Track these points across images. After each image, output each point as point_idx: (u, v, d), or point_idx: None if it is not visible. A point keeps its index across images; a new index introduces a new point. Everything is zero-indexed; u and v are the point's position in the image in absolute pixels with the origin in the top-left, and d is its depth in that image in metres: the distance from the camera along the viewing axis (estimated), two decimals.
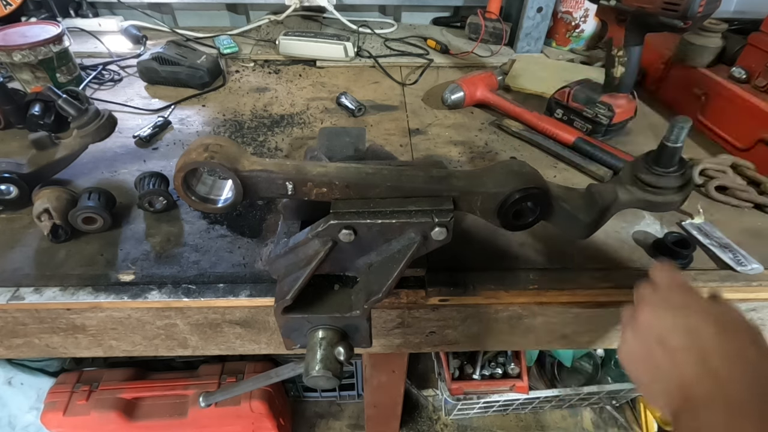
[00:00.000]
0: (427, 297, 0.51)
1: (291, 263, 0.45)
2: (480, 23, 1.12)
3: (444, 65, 1.07)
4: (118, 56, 1.03)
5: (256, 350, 0.58)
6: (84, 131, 0.61)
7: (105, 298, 0.50)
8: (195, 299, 0.50)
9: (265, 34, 1.17)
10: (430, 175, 0.43)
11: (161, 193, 0.59)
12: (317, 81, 0.99)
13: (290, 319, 0.45)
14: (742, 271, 0.53)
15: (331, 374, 0.43)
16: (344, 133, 0.63)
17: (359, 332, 0.47)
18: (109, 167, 0.69)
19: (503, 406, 1.36)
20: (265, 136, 0.79)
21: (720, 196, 0.65)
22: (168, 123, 0.81)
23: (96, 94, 0.91)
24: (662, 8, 0.60)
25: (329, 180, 0.42)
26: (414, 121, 0.85)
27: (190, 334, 0.54)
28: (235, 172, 0.40)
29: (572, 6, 1.06)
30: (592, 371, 1.45)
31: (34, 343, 0.55)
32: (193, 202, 0.44)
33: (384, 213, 0.41)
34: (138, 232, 0.58)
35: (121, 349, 0.57)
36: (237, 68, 1.03)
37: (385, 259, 0.43)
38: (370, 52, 1.07)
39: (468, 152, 0.76)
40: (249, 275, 0.53)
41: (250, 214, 0.61)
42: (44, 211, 0.54)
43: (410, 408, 1.51)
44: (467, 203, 0.42)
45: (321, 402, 1.51)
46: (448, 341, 0.57)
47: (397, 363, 0.93)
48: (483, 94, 0.87)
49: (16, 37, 0.80)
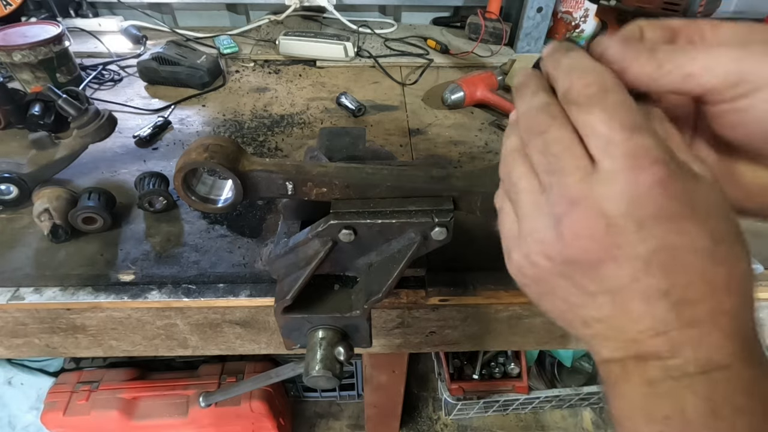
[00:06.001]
0: (427, 297, 0.51)
1: (291, 263, 0.45)
2: (480, 23, 1.12)
3: (444, 65, 1.07)
4: (118, 56, 1.03)
5: (256, 350, 0.58)
6: (84, 131, 0.61)
7: (105, 298, 0.50)
8: (195, 299, 0.50)
9: (265, 34, 1.17)
10: (430, 175, 0.43)
11: (161, 193, 0.59)
12: (317, 81, 0.99)
13: (290, 319, 0.45)
14: None
15: (331, 374, 0.43)
16: (344, 133, 0.63)
17: (359, 332, 0.47)
18: (109, 167, 0.69)
19: (503, 406, 1.36)
20: (265, 136, 0.79)
21: None
22: (168, 123, 0.81)
23: (96, 94, 0.91)
24: (662, 8, 0.60)
25: (329, 180, 0.42)
26: (414, 121, 0.85)
27: (190, 334, 0.54)
28: (235, 172, 0.40)
29: (572, 6, 1.06)
30: (592, 371, 1.45)
31: (34, 343, 0.55)
32: (193, 202, 0.44)
33: (384, 213, 0.41)
34: (138, 232, 0.58)
35: (121, 349, 0.57)
36: (237, 68, 1.03)
37: (385, 259, 0.43)
38: (370, 52, 1.07)
39: (468, 152, 0.76)
40: (249, 275, 0.53)
41: (250, 214, 0.61)
42: (44, 211, 0.54)
43: (410, 408, 1.51)
44: (467, 203, 0.42)
45: (321, 402, 1.51)
46: (448, 341, 0.57)
47: (397, 363, 0.93)
48: (483, 94, 0.87)
49: (16, 37, 0.80)
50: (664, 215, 0.21)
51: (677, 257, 0.21)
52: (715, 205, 0.22)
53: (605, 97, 0.22)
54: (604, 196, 0.21)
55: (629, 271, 0.22)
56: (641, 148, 0.21)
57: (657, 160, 0.21)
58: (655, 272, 0.21)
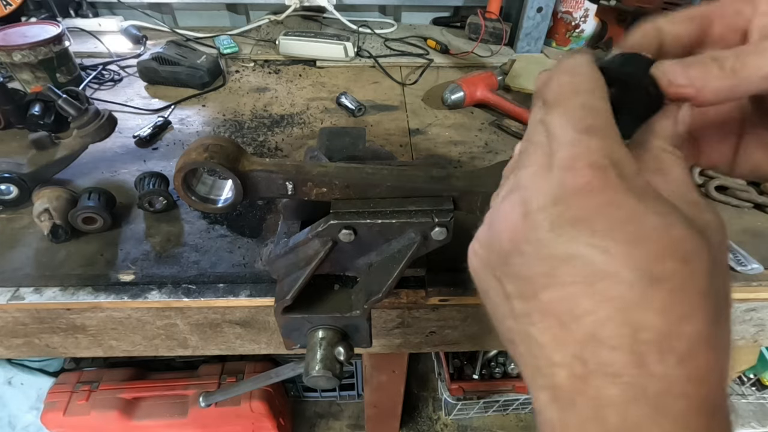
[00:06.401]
0: (427, 297, 0.51)
1: (291, 263, 0.45)
2: (480, 23, 1.12)
3: (444, 65, 1.07)
4: (118, 56, 1.03)
5: (256, 350, 0.58)
6: (84, 131, 0.61)
7: (105, 298, 0.50)
8: (195, 299, 0.50)
9: (265, 34, 1.17)
10: (430, 175, 0.43)
11: (161, 193, 0.59)
12: (317, 81, 0.99)
13: (290, 319, 0.45)
14: (742, 271, 0.53)
15: (331, 374, 0.43)
16: (344, 133, 0.63)
17: (359, 332, 0.47)
18: (109, 167, 0.69)
19: (503, 406, 1.36)
20: (265, 136, 0.79)
21: (720, 196, 0.65)
22: (168, 123, 0.81)
23: (96, 94, 0.91)
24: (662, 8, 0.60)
25: (329, 180, 0.42)
26: (414, 121, 0.85)
27: (190, 334, 0.54)
28: (235, 172, 0.40)
29: (572, 6, 1.06)
30: None
31: (34, 343, 0.55)
32: (193, 202, 0.44)
33: (384, 213, 0.41)
34: (138, 232, 0.58)
35: (121, 349, 0.57)
36: (237, 68, 1.03)
37: (385, 259, 0.43)
38: (370, 52, 1.07)
39: (468, 152, 0.76)
40: (249, 275, 0.53)
41: (250, 214, 0.61)
42: (44, 211, 0.54)
43: (410, 408, 1.51)
44: (467, 203, 0.42)
45: (321, 402, 1.51)
46: (448, 341, 0.57)
47: (397, 363, 0.93)
48: (483, 94, 0.87)
49: (16, 37, 0.80)
50: (583, 223, 0.19)
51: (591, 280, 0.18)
52: (658, 237, 0.18)
53: (570, 99, 0.21)
54: (535, 188, 0.20)
55: (535, 271, 0.20)
56: (584, 150, 0.20)
57: (593, 165, 0.19)
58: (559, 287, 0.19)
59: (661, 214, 0.19)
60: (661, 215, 0.18)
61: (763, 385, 1.37)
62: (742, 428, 1.35)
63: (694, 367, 0.17)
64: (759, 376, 1.35)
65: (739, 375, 1.38)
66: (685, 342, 0.17)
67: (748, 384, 1.38)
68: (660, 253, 0.18)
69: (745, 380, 1.39)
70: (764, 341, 0.61)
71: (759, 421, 1.36)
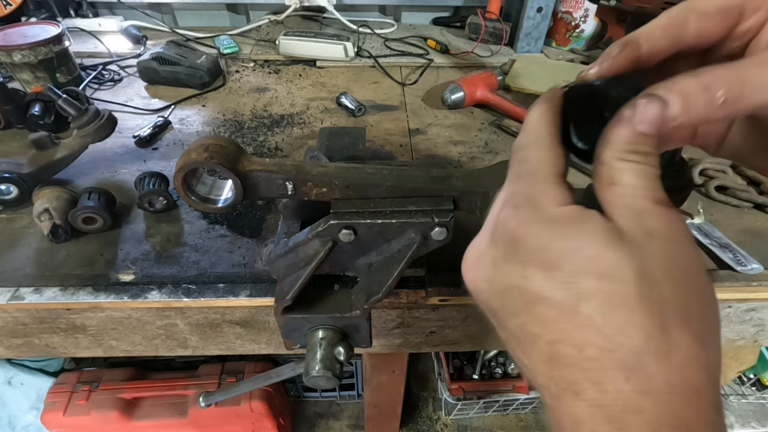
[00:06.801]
0: (427, 297, 0.51)
1: (291, 263, 0.45)
2: (480, 23, 1.12)
3: (444, 65, 1.07)
4: (118, 56, 1.03)
5: (256, 350, 0.58)
6: (84, 131, 0.61)
7: (105, 298, 0.50)
8: (195, 299, 0.50)
9: (265, 34, 1.17)
10: (430, 175, 0.43)
11: (161, 193, 0.59)
12: (317, 81, 0.99)
13: (290, 319, 0.45)
14: (742, 271, 0.53)
15: (331, 374, 0.43)
16: (344, 133, 0.63)
17: (359, 332, 0.47)
18: (109, 167, 0.69)
19: (503, 406, 1.36)
20: (265, 136, 0.79)
21: (720, 196, 0.65)
22: (168, 123, 0.81)
23: (96, 94, 0.91)
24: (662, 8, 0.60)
25: (329, 180, 0.42)
26: (414, 121, 0.85)
27: (190, 334, 0.54)
28: (235, 172, 0.40)
29: (572, 6, 1.06)
30: None
31: (34, 343, 0.55)
32: (193, 202, 0.44)
33: (384, 213, 0.41)
34: (138, 232, 0.58)
35: (121, 349, 0.57)
36: (237, 68, 1.03)
37: (385, 259, 0.43)
38: (370, 52, 1.07)
39: (468, 152, 0.76)
40: (249, 275, 0.52)
41: (250, 214, 0.61)
42: (44, 211, 0.54)
43: (410, 408, 1.51)
44: (467, 203, 0.42)
45: (321, 402, 1.51)
46: (448, 341, 0.57)
47: (397, 363, 0.93)
48: (483, 94, 0.87)
49: (16, 37, 0.80)
50: (511, 256, 0.21)
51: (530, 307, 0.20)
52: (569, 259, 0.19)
53: (515, 153, 0.25)
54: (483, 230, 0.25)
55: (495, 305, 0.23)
56: (509, 194, 0.24)
57: (511, 205, 0.23)
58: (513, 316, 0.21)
59: (570, 238, 0.20)
60: (569, 239, 0.20)
61: (763, 385, 1.37)
62: (742, 428, 1.35)
63: (643, 380, 0.17)
64: (759, 376, 1.35)
65: (739, 375, 1.38)
66: (628, 355, 0.17)
67: (748, 384, 1.38)
68: (573, 273, 0.19)
69: (745, 380, 1.39)
70: (764, 341, 0.61)
71: (759, 421, 1.36)
